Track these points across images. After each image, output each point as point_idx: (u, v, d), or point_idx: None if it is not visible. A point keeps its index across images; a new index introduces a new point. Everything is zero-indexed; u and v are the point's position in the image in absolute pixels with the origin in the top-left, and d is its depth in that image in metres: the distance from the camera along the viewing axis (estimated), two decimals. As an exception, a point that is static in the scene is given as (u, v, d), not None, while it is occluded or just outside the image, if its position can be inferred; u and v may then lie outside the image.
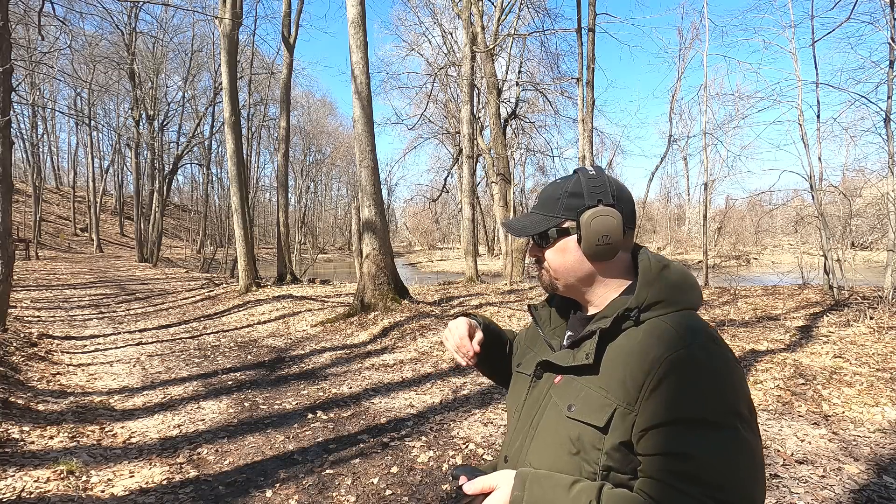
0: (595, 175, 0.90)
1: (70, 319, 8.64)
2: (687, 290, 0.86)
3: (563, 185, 0.92)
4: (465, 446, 3.34)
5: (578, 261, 0.90)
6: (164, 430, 3.73)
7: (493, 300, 8.83)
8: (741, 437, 0.71)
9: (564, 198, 0.90)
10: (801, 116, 7.58)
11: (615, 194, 0.88)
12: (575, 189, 0.90)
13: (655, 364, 0.75)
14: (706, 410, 0.71)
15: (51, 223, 32.99)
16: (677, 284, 0.85)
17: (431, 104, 24.87)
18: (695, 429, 0.71)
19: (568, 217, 0.90)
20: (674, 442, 0.72)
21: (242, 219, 11.70)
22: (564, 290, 0.95)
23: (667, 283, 0.85)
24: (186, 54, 26.15)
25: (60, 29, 14.12)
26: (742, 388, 0.75)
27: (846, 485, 2.68)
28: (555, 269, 0.93)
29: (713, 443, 0.70)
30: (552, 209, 0.91)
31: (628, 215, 0.88)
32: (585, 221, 0.87)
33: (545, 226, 0.92)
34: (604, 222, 0.86)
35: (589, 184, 0.89)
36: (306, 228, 39.50)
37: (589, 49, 8.36)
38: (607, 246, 0.86)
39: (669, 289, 0.84)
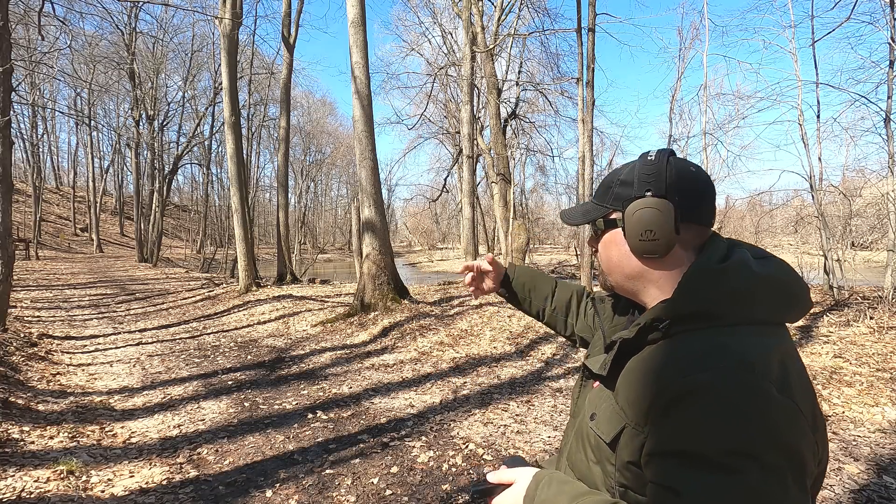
0: (652, 161, 0.80)
1: (70, 319, 8.64)
2: (749, 301, 0.71)
3: (618, 172, 0.85)
4: (465, 446, 3.34)
5: (625, 256, 0.82)
6: (164, 430, 3.73)
7: (494, 300, 8.83)
8: (746, 484, 0.59)
9: (616, 186, 0.83)
10: (801, 116, 7.58)
11: (672, 184, 0.77)
12: (627, 177, 0.82)
13: (666, 388, 0.66)
14: (708, 447, 0.61)
15: (51, 223, 33.00)
16: (738, 293, 0.71)
17: (431, 104, 24.91)
18: (692, 465, 0.62)
19: (616, 207, 0.83)
20: (668, 474, 0.64)
21: (242, 219, 11.71)
22: (617, 288, 0.87)
23: (719, 292, 0.71)
24: (186, 54, 26.18)
25: (60, 29, 14.14)
26: (774, 430, 0.61)
27: (846, 485, 2.68)
28: (604, 264, 0.87)
29: (707, 484, 0.60)
30: (604, 198, 0.85)
31: (688, 208, 0.77)
32: (628, 213, 0.79)
33: (593, 215, 0.86)
34: (647, 215, 0.77)
35: (641, 171, 0.80)
36: (306, 228, 39.50)
37: (589, 49, 8.36)
38: (653, 242, 0.77)
39: (721, 298, 0.71)
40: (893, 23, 6.61)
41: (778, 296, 0.73)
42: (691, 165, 0.81)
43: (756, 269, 0.73)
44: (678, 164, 0.80)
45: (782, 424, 0.62)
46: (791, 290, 0.75)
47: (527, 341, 6.07)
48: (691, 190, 0.78)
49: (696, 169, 0.80)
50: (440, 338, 6.35)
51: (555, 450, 3.24)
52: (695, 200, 0.78)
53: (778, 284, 0.74)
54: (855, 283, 7.72)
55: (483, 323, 6.97)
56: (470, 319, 7.18)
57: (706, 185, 0.80)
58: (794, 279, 0.76)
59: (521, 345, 5.96)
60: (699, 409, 0.63)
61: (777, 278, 0.74)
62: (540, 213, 33.75)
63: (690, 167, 0.80)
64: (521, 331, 6.52)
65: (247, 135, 23.72)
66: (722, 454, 0.60)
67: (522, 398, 4.28)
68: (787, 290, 0.75)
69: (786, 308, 0.74)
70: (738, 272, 0.72)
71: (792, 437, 0.62)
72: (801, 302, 0.76)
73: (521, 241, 14.12)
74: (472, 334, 6.50)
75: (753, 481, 0.59)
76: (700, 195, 0.79)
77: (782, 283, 0.75)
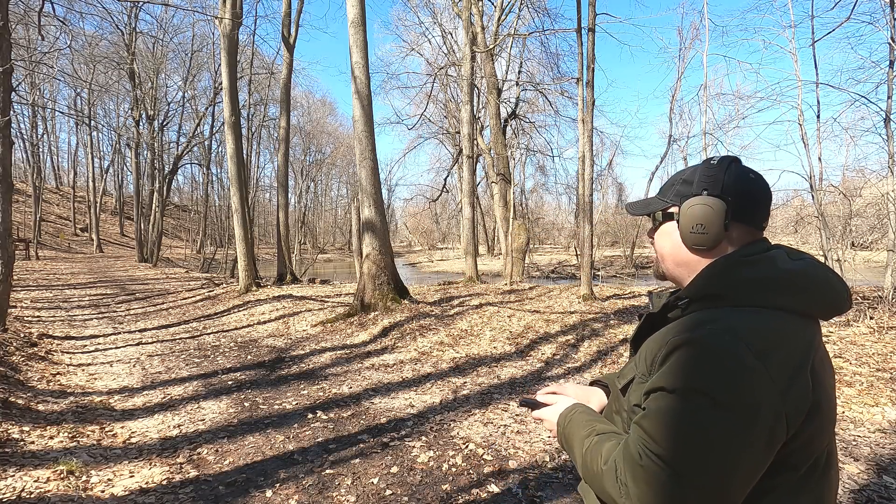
0: (714, 165, 0.90)
1: (70, 319, 8.64)
2: (766, 288, 0.81)
3: (682, 173, 0.95)
4: (465, 446, 3.34)
5: (676, 246, 0.92)
6: (164, 430, 3.73)
7: (493, 300, 8.83)
8: (694, 413, 0.72)
9: (678, 184, 0.94)
10: (801, 116, 7.58)
11: (728, 186, 0.87)
12: (689, 177, 0.92)
13: (666, 343, 0.80)
14: (668, 382, 0.76)
15: (51, 223, 32.99)
16: (754, 280, 0.81)
17: (431, 104, 24.88)
18: (663, 396, 0.76)
19: (674, 203, 0.93)
20: (650, 403, 0.78)
21: (242, 219, 11.71)
22: (667, 275, 0.97)
23: (729, 280, 0.82)
24: (186, 54, 26.17)
25: (60, 29, 14.14)
26: (734, 382, 0.71)
27: (846, 485, 2.68)
28: (658, 252, 0.98)
29: (666, 406, 0.75)
30: (665, 193, 0.95)
31: (740, 209, 0.86)
32: (683, 208, 0.89)
33: (653, 207, 0.97)
34: (700, 211, 0.87)
35: (703, 173, 0.90)
36: (306, 228, 39.50)
37: (589, 49, 8.36)
38: (702, 235, 0.87)
39: (734, 285, 0.82)
40: (893, 23, 6.61)
41: (803, 289, 0.82)
42: (751, 172, 0.90)
43: (781, 264, 0.83)
44: (737, 170, 0.89)
45: (743, 381, 0.72)
46: (818, 287, 0.83)
47: (527, 341, 6.07)
48: (745, 193, 0.88)
49: (756, 176, 0.90)
50: (440, 338, 6.35)
51: (555, 450, 3.26)
52: (747, 203, 0.88)
53: (804, 279, 0.82)
54: (855, 283, 7.72)
55: (483, 323, 6.97)
56: (470, 319, 7.18)
57: (761, 191, 0.89)
58: (824, 278, 0.84)
59: (521, 345, 5.96)
60: (683, 356, 0.76)
61: (804, 273, 0.83)
62: (540, 213, 33.76)
63: (750, 174, 0.90)
64: (521, 331, 6.52)
65: (247, 135, 23.71)
66: (687, 389, 0.74)
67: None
68: (814, 286, 0.83)
69: (811, 302, 0.82)
70: (760, 263, 0.83)
71: (749, 393, 0.72)
72: (831, 299, 0.84)
73: (521, 241, 14.12)
74: (472, 334, 6.50)
75: (702, 414, 0.72)
76: (753, 199, 0.88)
77: (809, 279, 0.83)
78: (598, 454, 0.85)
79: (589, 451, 0.87)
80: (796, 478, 0.79)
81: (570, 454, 0.94)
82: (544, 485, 2.82)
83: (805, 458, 0.79)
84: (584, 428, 0.92)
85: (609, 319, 6.73)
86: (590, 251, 8.85)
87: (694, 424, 0.72)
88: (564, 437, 0.96)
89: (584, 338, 6.02)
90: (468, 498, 2.70)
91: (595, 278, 12.01)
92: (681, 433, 0.73)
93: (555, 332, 6.39)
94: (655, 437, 0.74)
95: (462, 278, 13.00)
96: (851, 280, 7.66)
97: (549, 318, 7.05)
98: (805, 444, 0.77)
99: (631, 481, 0.76)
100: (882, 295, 6.34)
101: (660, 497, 0.72)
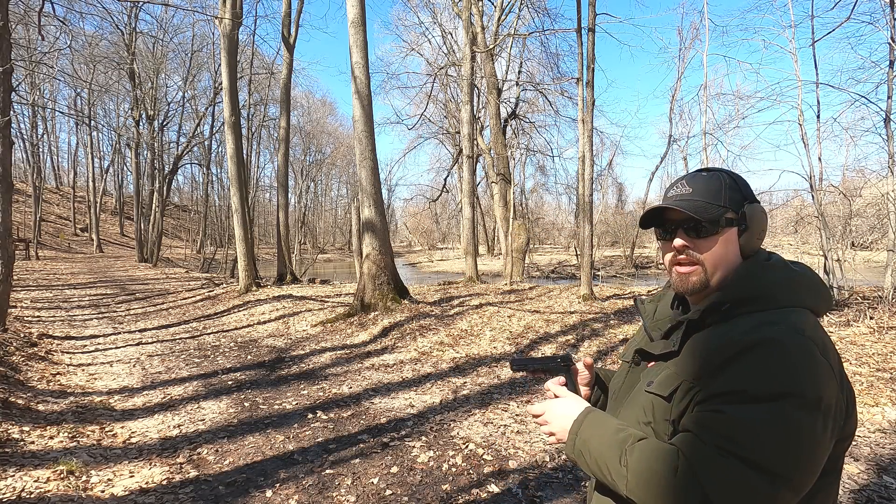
0: (738, 175, 0.92)
1: (70, 319, 8.64)
2: (796, 289, 0.84)
3: (718, 177, 0.90)
4: (465, 446, 3.34)
5: (731, 253, 0.89)
6: (164, 430, 3.73)
7: (493, 300, 8.83)
8: (782, 415, 0.71)
9: (726, 189, 0.88)
10: (801, 116, 7.57)
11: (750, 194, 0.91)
12: (732, 183, 0.90)
13: (726, 348, 0.78)
14: (751, 384, 0.73)
15: (51, 223, 32.99)
16: (781, 283, 0.84)
17: (431, 104, 24.86)
18: (735, 398, 0.74)
19: (732, 208, 0.88)
20: (710, 405, 0.76)
21: (242, 219, 11.70)
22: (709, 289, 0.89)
23: (765, 281, 0.85)
24: (186, 54, 26.16)
25: (60, 29, 14.14)
26: (815, 380, 0.73)
27: (846, 485, 2.68)
28: (714, 263, 0.88)
29: (747, 412, 0.72)
30: (716, 197, 0.88)
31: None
32: (751, 212, 0.88)
33: (716, 212, 0.87)
34: (764, 218, 0.89)
35: (740, 181, 0.90)
36: (306, 228, 39.49)
37: (589, 49, 8.35)
38: (760, 240, 0.90)
39: (769, 286, 0.84)
40: (893, 23, 6.60)
41: (811, 290, 0.86)
42: None
43: (793, 267, 0.88)
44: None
45: (821, 378, 0.74)
46: (818, 287, 0.88)
47: (527, 341, 6.07)
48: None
49: None
50: (440, 338, 6.35)
51: (555, 450, 3.25)
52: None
53: (808, 281, 0.87)
54: (855, 283, 7.71)
55: (483, 323, 6.98)
56: (470, 319, 7.18)
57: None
58: (819, 279, 0.90)
59: (521, 345, 5.96)
60: (759, 356, 0.74)
61: (808, 276, 0.88)
62: (540, 213, 33.74)
63: None
64: (522, 331, 6.52)
65: (247, 135, 23.70)
66: (762, 391, 0.72)
67: (522, 398, 4.28)
68: (817, 287, 0.87)
69: (816, 300, 0.86)
70: (779, 268, 0.87)
71: (826, 388, 0.74)
72: (827, 298, 0.89)
73: (521, 241, 14.12)
74: (472, 334, 6.50)
75: (791, 414, 0.71)
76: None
77: (812, 281, 0.87)
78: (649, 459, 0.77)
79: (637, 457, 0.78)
80: (835, 477, 0.81)
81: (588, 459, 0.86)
82: (544, 485, 2.82)
83: (843, 456, 0.81)
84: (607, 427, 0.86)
85: (609, 319, 6.73)
86: (590, 251, 8.85)
87: (786, 425, 0.71)
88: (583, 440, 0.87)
89: (584, 338, 6.03)
90: (468, 498, 2.70)
91: (595, 278, 12.01)
92: (774, 436, 0.71)
93: (555, 332, 6.39)
94: (743, 441, 0.71)
95: (462, 278, 13.00)
96: (851, 280, 7.66)
97: (549, 319, 7.05)
98: (845, 439, 0.81)
99: (713, 488, 0.71)
100: (882, 295, 6.34)
101: (751, 500, 0.71)
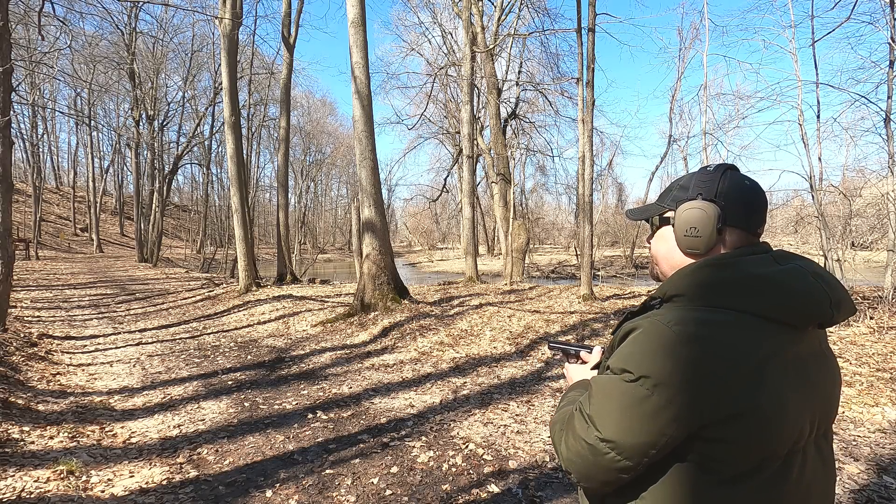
0: (709, 171, 0.92)
1: (70, 319, 8.64)
2: (724, 292, 0.82)
3: (679, 179, 0.97)
4: (465, 446, 3.34)
5: (672, 250, 0.94)
6: (164, 430, 3.73)
7: (493, 300, 8.83)
8: (615, 384, 0.81)
9: (675, 189, 0.95)
10: (801, 116, 7.57)
11: (722, 192, 0.88)
12: (686, 183, 0.94)
13: (625, 331, 0.86)
14: (613, 360, 0.84)
15: (51, 223, 32.99)
16: (709, 283, 0.83)
17: (431, 104, 24.83)
18: (605, 370, 0.86)
19: (670, 207, 0.95)
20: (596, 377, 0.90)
21: (242, 219, 11.70)
22: (662, 278, 0.98)
23: (693, 280, 0.85)
24: (186, 54, 26.15)
25: (60, 29, 14.12)
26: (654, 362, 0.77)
27: (846, 485, 2.68)
28: (653, 256, 1.00)
29: (601, 379, 0.85)
30: (663, 199, 0.97)
31: (733, 213, 0.88)
32: (678, 211, 0.91)
33: (650, 212, 0.99)
34: (694, 215, 0.88)
35: (699, 179, 0.92)
36: (306, 228, 39.45)
37: (589, 49, 8.35)
38: (696, 238, 0.89)
39: (695, 286, 0.85)
40: (893, 23, 6.60)
41: (759, 292, 0.81)
42: (746, 179, 0.91)
43: (753, 268, 0.83)
44: (733, 176, 0.91)
45: (663, 363, 0.77)
46: (784, 291, 0.81)
47: (527, 341, 6.07)
48: (739, 198, 0.89)
49: (751, 182, 0.91)
50: (440, 338, 6.35)
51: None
52: (741, 207, 0.88)
53: (764, 283, 0.82)
54: (855, 283, 7.71)
55: (483, 323, 6.97)
56: (470, 319, 7.18)
57: (755, 196, 0.90)
58: (797, 284, 0.82)
59: (521, 345, 5.96)
60: (630, 340, 0.83)
61: (769, 278, 0.82)
62: (540, 213, 33.72)
63: (745, 180, 0.91)
64: (521, 331, 6.52)
65: (247, 135, 23.69)
66: (618, 367, 0.82)
67: (522, 398, 4.28)
68: (783, 292, 0.81)
69: (772, 306, 0.81)
70: (729, 266, 0.84)
71: (663, 372, 0.77)
72: (799, 305, 0.82)
73: (521, 241, 14.11)
74: (472, 334, 6.50)
75: (619, 384, 0.80)
76: (747, 204, 0.89)
77: (772, 283, 0.82)
78: (562, 413, 0.94)
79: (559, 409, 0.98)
80: (717, 481, 0.78)
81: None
82: (544, 485, 2.82)
83: (731, 463, 0.78)
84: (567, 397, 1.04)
85: (609, 319, 6.73)
86: (590, 251, 8.85)
87: (613, 391, 0.81)
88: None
89: (584, 338, 6.02)
90: (468, 498, 2.70)
91: (595, 278, 12.01)
92: (603, 397, 0.82)
93: (555, 332, 6.39)
94: (588, 400, 0.85)
95: (462, 278, 13.00)
96: (851, 280, 7.66)
97: (549, 319, 7.05)
98: (731, 448, 0.77)
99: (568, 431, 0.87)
100: (882, 295, 6.33)
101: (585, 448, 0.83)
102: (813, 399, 0.84)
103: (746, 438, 0.77)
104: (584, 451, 0.83)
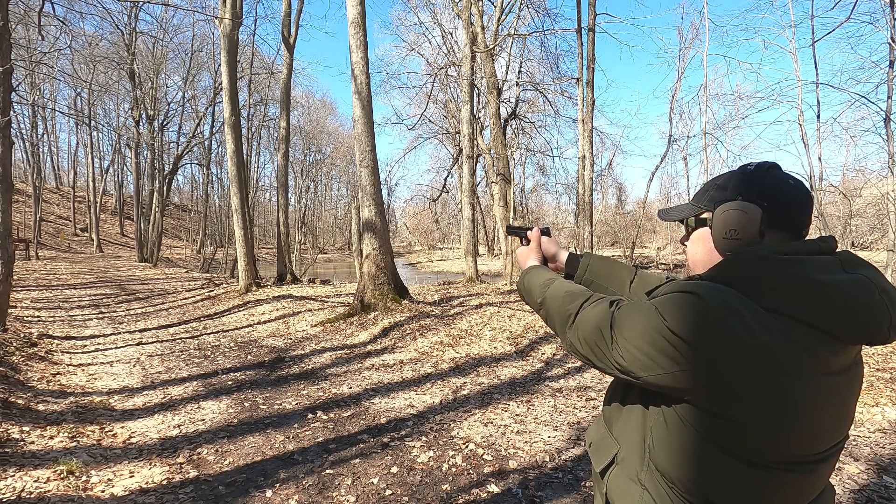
0: (750, 170, 0.87)
1: (70, 319, 8.63)
2: (783, 293, 0.76)
3: (717, 179, 0.92)
4: (465, 446, 3.34)
5: (709, 253, 0.90)
6: (164, 430, 3.73)
7: (493, 300, 8.82)
8: (648, 309, 0.81)
9: (712, 190, 0.91)
10: (801, 116, 7.58)
11: (764, 192, 0.83)
12: (724, 182, 0.89)
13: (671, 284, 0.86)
14: (655, 297, 0.84)
15: (51, 223, 32.99)
16: (768, 281, 0.78)
17: (431, 104, 24.84)
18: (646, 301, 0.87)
19: (707, 208, 0.90)
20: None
21: (242, 219, 11.70)
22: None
23: (751, 274, 0.79)
24: (186, 54, 26.15)
25: (60, 29, 14.13)
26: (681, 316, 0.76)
27: (846, 485, 2.68)
28: (689, 258, 0.95)
29: (637, 304, 0.85)
30: (699, 199, 0.93)
31: (777, 215, 0.82)
32: (717, 213, 0.87)
33: (686, 213, 0.95)
34: (734, 216, 0.83)
35: (738, 178, 0.87)
36: (306, 228, 39.47)
37: (589, 49, 8.36)
38: (736, 241, 0.84)
39: (752, 280, 0.79)
40: (893, 23, 6.61)
41: (834, 308, 0.74)
42: (790, 179, 0.85)
43: (820, 275, 0.76)
44: (775, 175, 0.85)
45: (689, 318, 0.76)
46: (851, 309, 0.74)
47: (527, 341, 6.07)
48: (783, 199, 0.83)
49: (795, 182, 0.85)
50: (440, 338, 6.35)
51: (555, 450, 3.25)
52: (784, 209, 0.83)
53: (835, 296, 0.74)
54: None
55: (483, 323, 6.97)
56: (470, 319, 7.18)
57: (801, 196, 0.84)
58: (863, 299, 0.75)
59: (521, 345, 5.96)
60: (671, 290, 0.82)
61: (839, 289, 0.75)
62: (540, 213, 33.73)
63: (789, 180, 0.84)
64: (521, 331, 6.52)
65: (247, 135, 23.69)
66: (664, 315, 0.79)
67: (522, 398, 4.28)
68: (847, 307, 0.74)
69: (837, 324, 0.74)
70: (791, 267, 0.77)
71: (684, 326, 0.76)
72: (860, 324, 0.75)
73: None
74: (472, 334, 6.50)
75: (651, 314, 0.80)
76: (791, 205, 0.83)
77: (843, 298, 0.74)
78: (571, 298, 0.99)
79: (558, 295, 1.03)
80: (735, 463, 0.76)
81: (532, 293, 1.11)
82: (544, 485, 2.82)
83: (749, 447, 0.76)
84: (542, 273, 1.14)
85: (609, 319, 6.72)
86: (590, 251, 8.85)
87: (641, 314, 0.82)
88: (528, 280, 1.16)
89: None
90: (468, 498, 2.70)
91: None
92: (633, 313, 0.83)
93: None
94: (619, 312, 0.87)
95: (462, 278, 13.00)
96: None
97: (549, 318, 7.04)
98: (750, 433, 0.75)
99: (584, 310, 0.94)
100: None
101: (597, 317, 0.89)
102: (831, 415, 0.80)
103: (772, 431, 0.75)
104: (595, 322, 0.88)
